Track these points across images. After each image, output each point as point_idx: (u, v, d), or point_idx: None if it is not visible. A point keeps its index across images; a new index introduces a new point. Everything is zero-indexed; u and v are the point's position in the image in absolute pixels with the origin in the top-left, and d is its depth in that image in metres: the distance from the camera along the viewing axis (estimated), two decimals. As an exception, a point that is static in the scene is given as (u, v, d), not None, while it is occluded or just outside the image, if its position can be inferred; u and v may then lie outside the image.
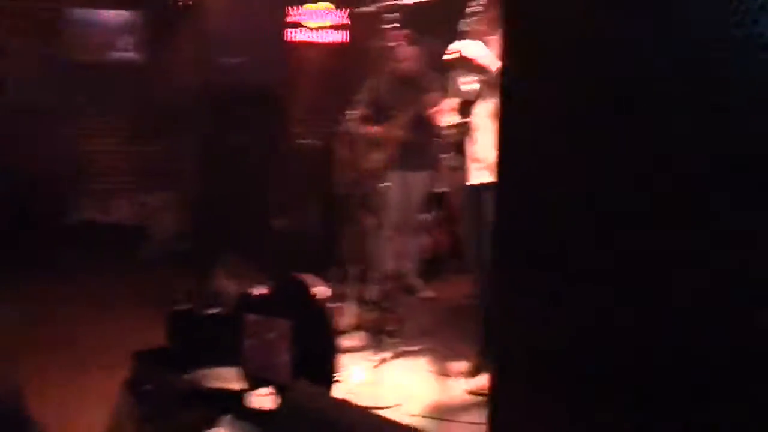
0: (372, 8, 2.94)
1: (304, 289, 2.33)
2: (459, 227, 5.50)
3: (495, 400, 1.04)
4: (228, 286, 3.20)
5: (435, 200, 5.32)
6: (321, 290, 2.37)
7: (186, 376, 2.69)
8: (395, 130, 4.07)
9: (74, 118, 5.48)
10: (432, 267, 5.04)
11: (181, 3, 5.34)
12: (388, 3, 2.84)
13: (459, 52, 2.67)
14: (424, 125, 4.14)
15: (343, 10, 6.31)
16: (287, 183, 4.71)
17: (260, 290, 2.64)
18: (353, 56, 6.34)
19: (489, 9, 2.78)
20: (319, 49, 6.46)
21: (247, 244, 3.89)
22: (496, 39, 2.82)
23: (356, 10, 3.25)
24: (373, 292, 4.37)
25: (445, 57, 2.75)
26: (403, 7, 2.82)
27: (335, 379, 2.38)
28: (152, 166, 5.57)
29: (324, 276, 4.24)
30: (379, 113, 4.13)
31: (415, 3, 2.85)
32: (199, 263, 3.93)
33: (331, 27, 6.42)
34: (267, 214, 4.49)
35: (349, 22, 6.35)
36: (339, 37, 6.50)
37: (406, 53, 4.09)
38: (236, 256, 3.58)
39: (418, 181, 4.41)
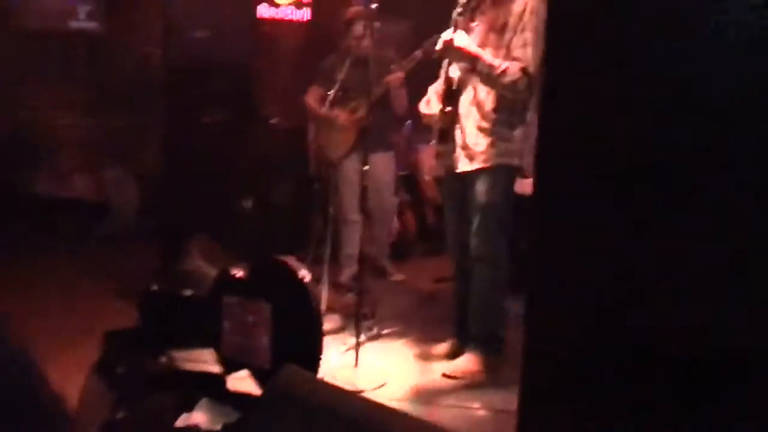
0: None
1: (289, 270, 2.29)
2: (427, 211, 5.54)
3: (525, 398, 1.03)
4: (202, 266, 3.12)
5: (403, 183, 5.32)
6: (302, 273, 2.33)
7: (161, 358, 2.61)
8: (357, 112, 3.98)
9: (32, 89, 5.23)
10: (399, 250, 5.04)
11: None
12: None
13: (451, 41, 2.67)
14: (386, 106, 4.06)
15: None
16: (258, 162, 4.62)
17: (239, 272, 2.58)
18: (323, 35, 6.24)
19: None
20: (288, 26, 6.33)
21: (218, 223, 3.80)
22: (479, 27, 2.83)
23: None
24: (345, 274, 4.35)
25: (436, 47, 2.76)
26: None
27: (320, 362, 2.36)
28: (114, 140, 5.37)
29: (298, 258, 4.19)
30: (340, 94, 3.94)
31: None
32: (168, 242, 3.83)
33: (297, 3, 6.31)
34: (237, 193, 4.39)
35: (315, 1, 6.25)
36: (307, 14, 6.38)
37: (360, 31, 3.88)
38: (207, 236, 3.49)
39: (383, 162, 4.36)
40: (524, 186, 3.12)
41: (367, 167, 2.87)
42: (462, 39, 2.72)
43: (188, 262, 3.19)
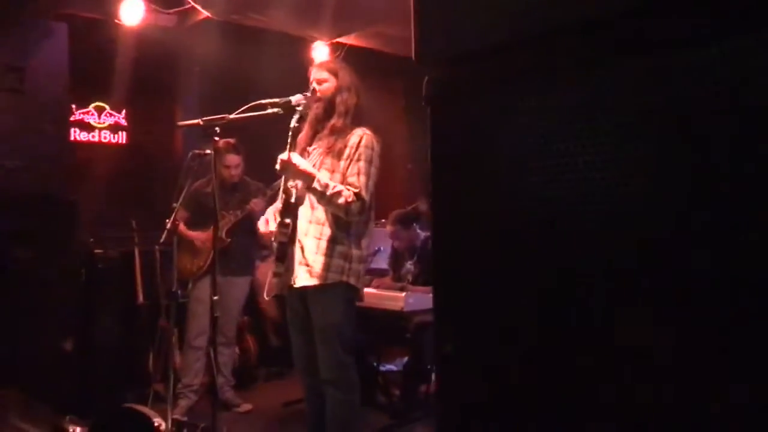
0: (198, 121, 2.93)
1: (144, 421, 2.07)
2: (269, 332, 5.38)
3: None
4: (21, 427, 2.71)
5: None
6: (157, 421, 2.13)
7: None
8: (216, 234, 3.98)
9: None
10: (241, 377, 4.79)
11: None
12: (212, 117, 2.89)
13: (289, 158, 2.74)
14: (249, 232, 4.09)
15: (123, 110, 6.15)
16: (81, 298, 4.22)
17: (76, 428, 2.28)
18: (140, 158, 6.08)
19: (307, 125, 2.96)
20: (104, 150, 6.10)
21: (37, 375, 3.34)
22: (317, 150, 2.96)
23: (181, 123, 3.33)
24: (180, 407, 4.03)
25: (277, 166, 2.81)
26: (226, 122, 2.88)
27: None
28: None
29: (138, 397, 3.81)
30: (201, 217, 4.06)
31: (236, 119, 2.92)
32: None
33: (113, 127, 6.18)
34: (54, 334, 3.94)
35: (131, 124, 6.16)
36: (124, 138, 6.25)
37: (232, 160, 4.21)
38: (26, 392, 3.06)
39: (237, 287, 4.29)
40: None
41: (216, 297, 2.75)
42: (298, 158, 2.79)
43: (2, 424, 2.75)
